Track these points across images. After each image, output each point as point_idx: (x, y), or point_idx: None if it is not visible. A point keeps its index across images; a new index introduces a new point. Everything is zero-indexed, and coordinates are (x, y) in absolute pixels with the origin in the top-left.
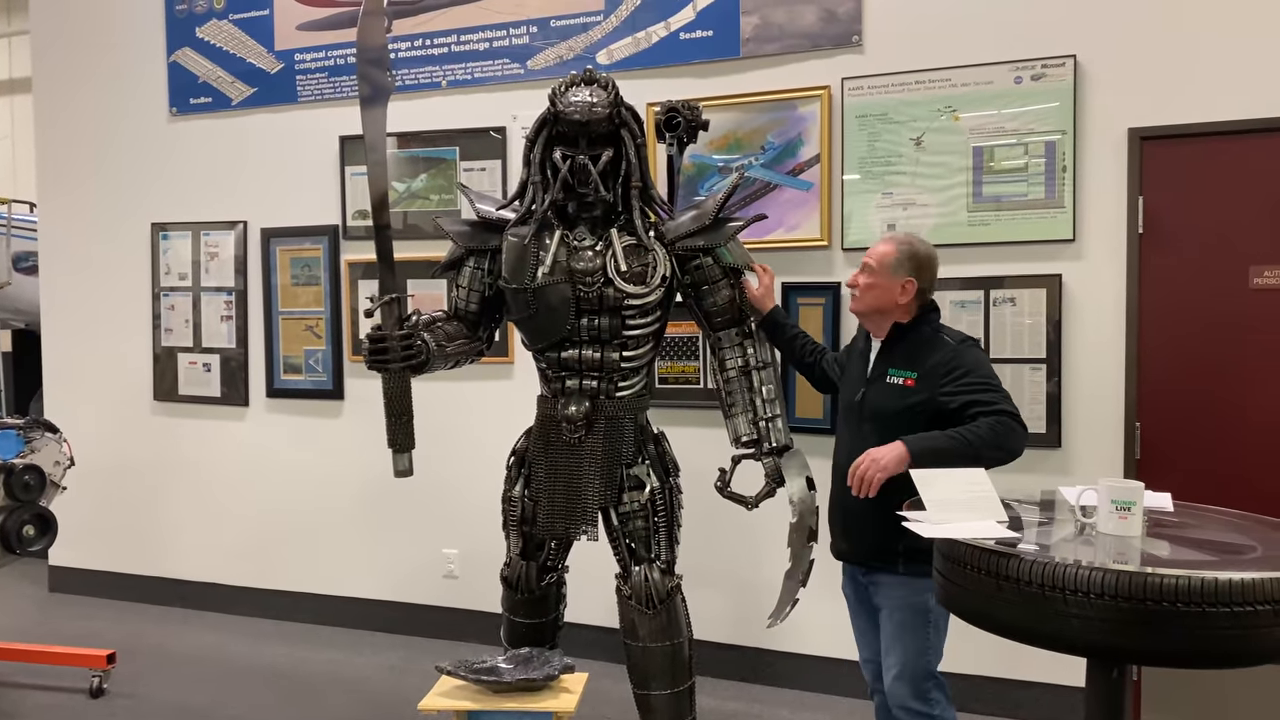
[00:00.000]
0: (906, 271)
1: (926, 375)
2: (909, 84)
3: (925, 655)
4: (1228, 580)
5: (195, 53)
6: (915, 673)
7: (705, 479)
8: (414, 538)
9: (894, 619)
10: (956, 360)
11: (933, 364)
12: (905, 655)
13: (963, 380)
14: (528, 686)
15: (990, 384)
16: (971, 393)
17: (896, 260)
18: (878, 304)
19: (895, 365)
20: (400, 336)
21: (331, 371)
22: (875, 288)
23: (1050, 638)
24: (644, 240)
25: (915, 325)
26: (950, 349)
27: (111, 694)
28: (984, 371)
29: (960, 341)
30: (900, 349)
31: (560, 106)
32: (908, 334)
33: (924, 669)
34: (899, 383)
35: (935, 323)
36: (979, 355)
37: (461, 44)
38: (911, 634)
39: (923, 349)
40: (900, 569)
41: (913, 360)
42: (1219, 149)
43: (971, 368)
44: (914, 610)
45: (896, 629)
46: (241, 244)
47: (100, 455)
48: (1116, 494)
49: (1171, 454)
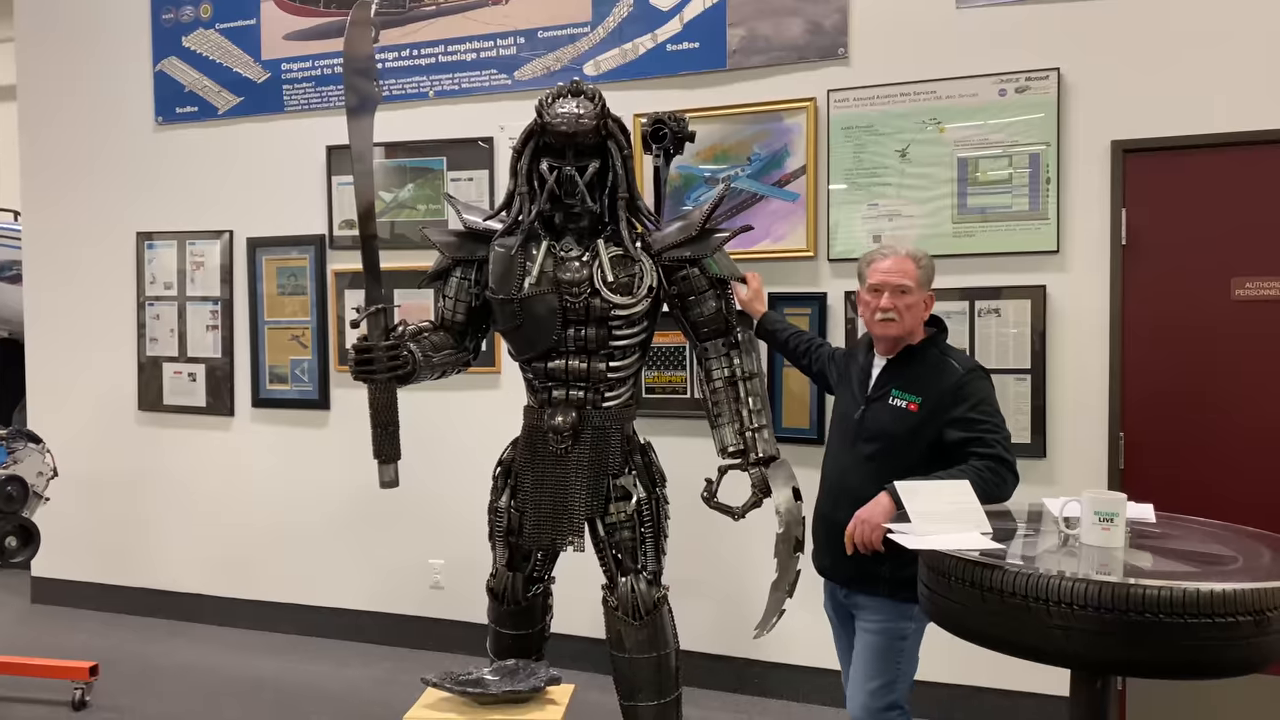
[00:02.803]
0: (928, 286)
1: (931, 401)
2: (894, 96)
3: (892, 684)
4: (1209, 591)
5: (182, 62)
6: (879, 701)
7: (692, 489)
8: (400, 549)
9: (869, 642)
10: (963, 391)
11: (939, 390)
12: (871, 681)
13: (966, 413)
14: (514, 698)
15: (992, 422)
16: (972, 430)
17: (924, 275)
18: (916, 324)
19: (899, 387)
20: (386, 347)
21: (317, 381)
22: (914, 307)
23: (1034, 649)
24: (631, 251)
25: (924, 347)
26: (958, 377)
27: (94, 706)
28: (987, 407)
29: (969, 370)
30: (907, 370)
31: (547, 118)
32: (915, 355)
33: (889, 698)
34: (902, 406)
35: (943, 344)
36: (985, 386)
37: (449, 54)
38: (883, 660)
39: (929, 373)
40: (884, 592)
41: (918, 384)
42: (1201, 162)
43: (977, 401)
44: (890, 636)
45: (870, 653)
46: (227, 253)
47: (84, 466)
48: (1099, 505)
49: (1155, 465)
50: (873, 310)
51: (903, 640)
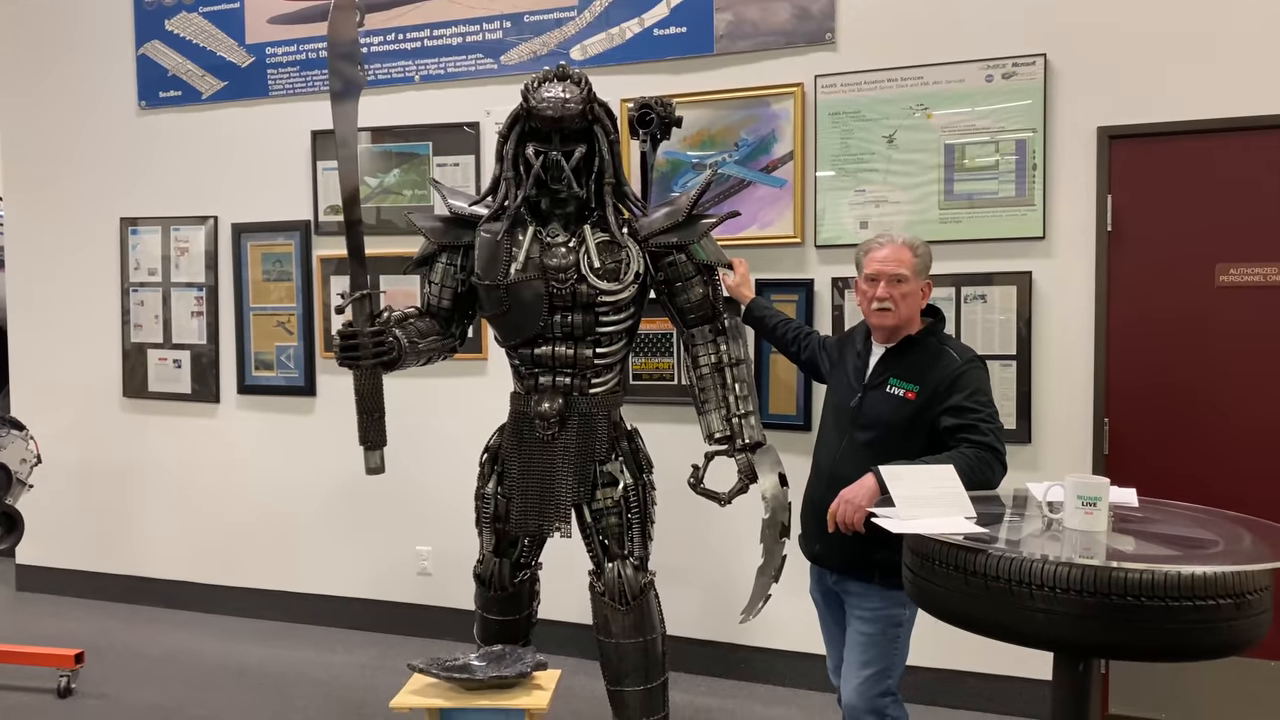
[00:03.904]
0: (925, 274)
1: (928, 389)
2: (881, 82)
3: (887, 671)
4: (1190, 574)
5: (165, 46)
6: (874, 688)
7: (679, 475)
8: (387, 535)
9: (862, 630)
10: (960, 380)
11: (936, 379)
12: (867, 668)
13: (962, 402)
14: (500, 684)
15: (986, 412)
16: (965, 418)
17: (921, 263)
18: (913, 313)
19: (897, 375)
20: (372, 333)
21: (304, 368)
22: (910, 296)
23: (1017, 632)
24: (617, 237)
25: (923, 336)
26: (956, 366)
27: (80, 694)
28: (983, 397)
29: (967, 360)
30: (905, 359)
31: (533, 102)
32: (914, 344)
33: (884, 685)
34: (899, 394)
35: (941, 334)
36: (982, 377)
37: (435, 39)
38: (877, 648)
39: (928, 362)
40: (875, 579)
41: (916, 373)
42: (1186, 148)
43: (972, 390)
44: (883, 624)
45: (863, 641)
46: (212, 239)
47: (69, 452)
48: (1082, 490)
49: (1140, 450)
50: (869, 299)
51: (898, 628)
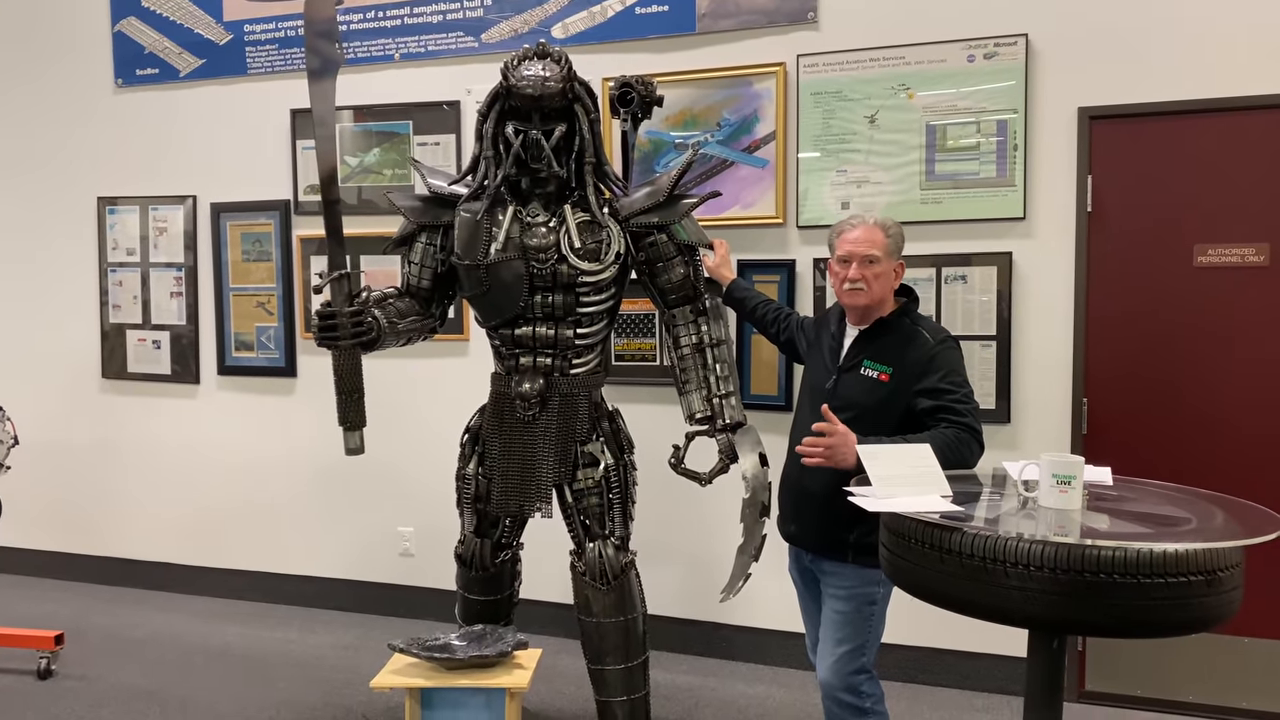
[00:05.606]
0: (898, 255)
1: (902, 371)
2: (864, 62)
3: (862, 648)
4: (1162, 552)
5: (141, 22)
6: (849, 665)
7: (660, 456)
8: (368, 516)
9: (836, 608)
10: (934, 362)
11: (910, 360)
12: (841, 646)
13: (937, 384)
14: (481, 663)
15: (962, 392)
16: (941, 400)
17: (893, 244)
18: (885, 293)
19: (871, 357)
20: (350, 313)
21: (284, 348)
22: (883, 276)
23: (992, 609)
24: (598, 217)
25: (897, 317)
26: (929, 347)
27: (60, 675)
28: (957, 378)
29: (940, 341)
30: (878, 341)
31: (513, 81)
32: (887, 325)
33: (858, 662)
34: (874, 376)
35: (914, 314)
36: (955, 357)
37: (415, 16)
38: (852, 626)
39: (901, 343)
40: (849, 558)
41: (890, 354)
42: (1166, 129)
43: (947, 371)
44: (858, 602)
45: (838, 619)
46: (191, 219)
47: (47, 434)
48: (1057, 468)
49: (1119, 429)
50: (841, 280)
51: (872, 605)
